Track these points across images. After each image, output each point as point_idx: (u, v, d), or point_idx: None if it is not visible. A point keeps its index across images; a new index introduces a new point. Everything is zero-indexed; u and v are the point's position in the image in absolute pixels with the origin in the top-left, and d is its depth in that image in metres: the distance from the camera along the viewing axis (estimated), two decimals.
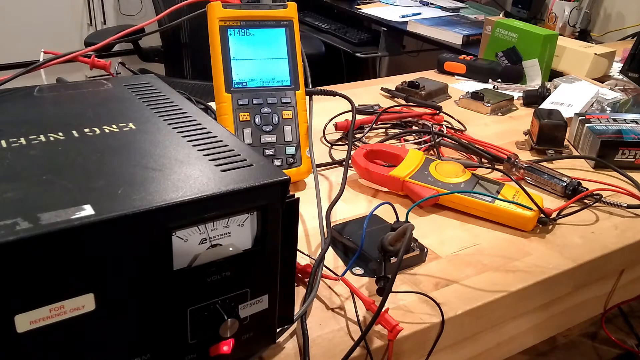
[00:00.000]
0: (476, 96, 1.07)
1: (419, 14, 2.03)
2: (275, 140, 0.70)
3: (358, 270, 0.57)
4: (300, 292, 0.52)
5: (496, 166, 0.81)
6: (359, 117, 0.92)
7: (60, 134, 0.43)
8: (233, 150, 0.42)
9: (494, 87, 1.19)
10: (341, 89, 0.88)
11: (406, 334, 0.50)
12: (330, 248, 0.60)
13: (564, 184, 0.74)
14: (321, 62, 2.00)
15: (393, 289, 0.48)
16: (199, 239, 0.37)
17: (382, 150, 0.78)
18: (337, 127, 0.90)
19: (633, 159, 0.83)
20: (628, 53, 1.31)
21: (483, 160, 0.85)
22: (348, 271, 0.57)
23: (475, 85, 1.20)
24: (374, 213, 0.58)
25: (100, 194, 0.34)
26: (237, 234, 0.39)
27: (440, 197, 0.68)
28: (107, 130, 0.44)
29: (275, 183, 0.38)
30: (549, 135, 0.87)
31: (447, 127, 0.93)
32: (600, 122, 0.89)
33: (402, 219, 0.58)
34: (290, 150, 0.71)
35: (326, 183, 0.76)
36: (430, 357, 0.52)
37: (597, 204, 0.73)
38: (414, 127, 0.94)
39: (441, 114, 0.97)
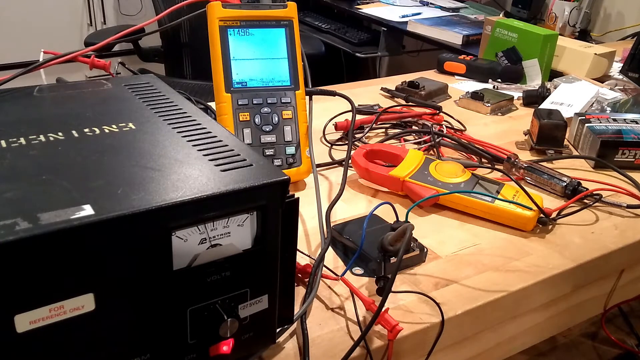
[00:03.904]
0: (476, 96, 1.07)
1: (419, 14, 2.03)
2: (275, 140, 0.70)
3: (358, 270, 0.57)
4: (300, 292, 0.52)
5: (496, 166, 0.81)
6: (358, 117, 0.92)
7: (60, 134, 0.43)
8: (233, 150, 0.42)
9: (494, 87, 1.19)
10: (341, 89, 0.88)
11: (406, 334, 0.50)
12: (330, 248, 0.60)
13: (564, 184, 0.74)
14: (321, 62, 2.00)
15: (393, 289, 0.48)
16: (198, 239, 0.37)
17: (382, 150, 0.78)
18: (337, 127, 0.90)
19: (633, 159, 0.83)
20: (628, 53, 1.31)
21: (483, 160, 0.85)
22: (348, 271, 0.57)
23: (475, 85, 1.20)
24: (373, 213, 0.58)
25: (100, 194, 0.34)
26: (237, 234, 0.39)
27: (440, 197, 0.68)
28: (106, 130, 0.44)
29: (275, 183, 0.38)
30: (549, 135, 0.87)
31: (447, 127, 0.93)
32: (600, 122, 0.89)
33: (402, 219, 0.58)
34: (290, 150, 0.71)
35: (326, 183, 0.76)
36: (430, 357, 0.52)
37: (597, 204, 0.73)
38: (414, 127, 0.94)
39: (441, 114, 0.97)
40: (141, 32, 0.85)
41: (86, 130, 0.44)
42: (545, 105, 1.05)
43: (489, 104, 1.05)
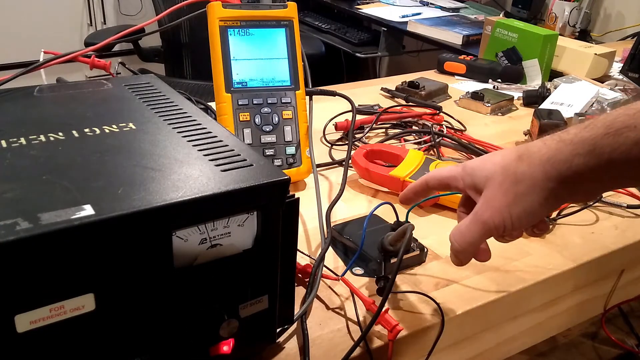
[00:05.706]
0: (476, 96, 1.07)
1: (419, 14, 2.03)
2: (275, 140, 0.70)
3: (358, 270, 0.57)
4: (300, 292, 0.52)
5: None
6: (359, 117, 0.92)
7: (60, 134, 0.43)
8: (233, 150, 0.42)
9: (494, 87, 1.19)
10: (341, 89, 0.88)
11: (406, 334, 0.50)
12: (330, 248, 0.60)
13: None
14: (321, 62, 1.99)
15: (393, 289, 0.49)
16: (199, 239, 0.37)
17: (382, 150, 0.78)
18: (337, 127, 0.90)
19: None
20: (628, 53, 1.31)
21: None
22: (348, 271, 0.56)
23: (475, 85, 1.20)
24: (374, 213, 0.58)
25: (100, 194, 0.34)
26: (237, 234, 0.39)
27: (440, 197, 0.68)
28: (107, 130, 0.44)
29: (275, 183, 0.38)
30: None
31: (447, 127, 0.93)
32: None
33: (402, 219, 0.58)
34: (290, 150, 0.71)
35: (326, 183, 0.76)
36: (430, 357, 0.52)
37: (597, 204, 0.73)
38: (414, 127, 0.94)
39: (441, 114, 0.97)
40: (141, 32, 0.85)
41: (86, 130, 0.44)
42: (546, 105, 1.05)
43: (489, 104, 1.05)
